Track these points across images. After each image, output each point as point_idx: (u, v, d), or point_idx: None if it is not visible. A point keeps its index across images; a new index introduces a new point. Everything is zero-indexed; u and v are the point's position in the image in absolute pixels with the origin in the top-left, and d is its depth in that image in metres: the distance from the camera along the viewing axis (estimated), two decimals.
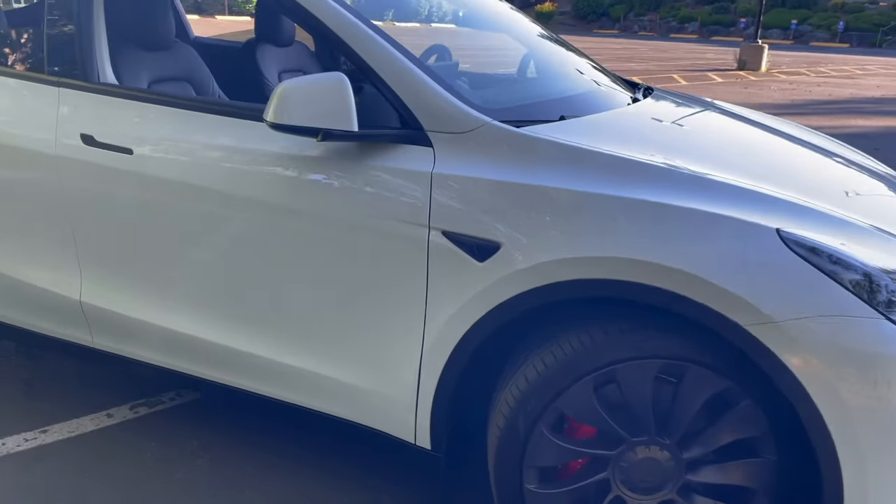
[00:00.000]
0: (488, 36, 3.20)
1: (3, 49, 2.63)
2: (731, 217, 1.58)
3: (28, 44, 2.55)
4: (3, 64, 2.44)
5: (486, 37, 3.21)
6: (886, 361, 1.47)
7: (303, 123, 1.76)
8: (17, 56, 2.57)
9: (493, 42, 3.14)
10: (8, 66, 2.40)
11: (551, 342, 1.69)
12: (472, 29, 3.37)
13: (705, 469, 1.70)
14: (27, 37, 2.59)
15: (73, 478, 2.18)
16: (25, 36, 2.60)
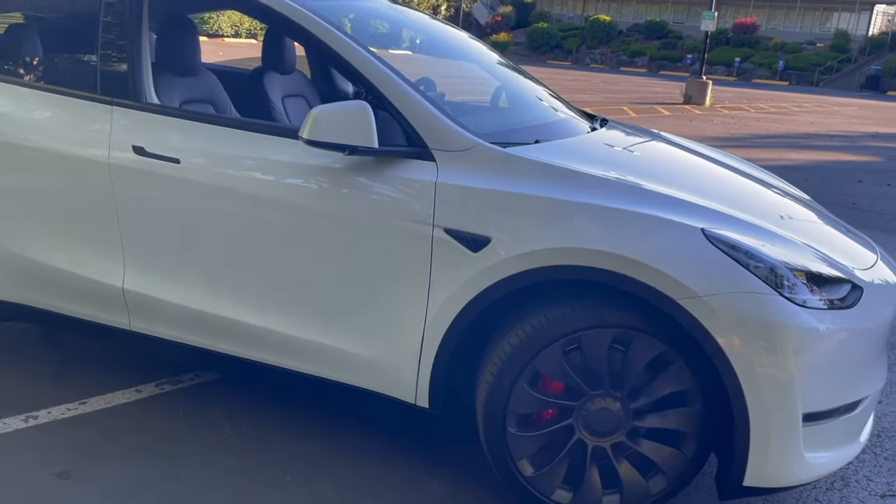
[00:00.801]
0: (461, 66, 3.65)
1: (60, 71, 3.02)
2: (669, 219, 2.08)
3: (83, 68, 2.94)
4: (61, 83, 2.81)
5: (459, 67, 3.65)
6: (780, 326, 1.98)
7: (334, 140, 2.22)
8: (72, 78, 2.95)
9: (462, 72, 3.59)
10: (65, 87, 2.77)
11: (530, 315, 2.16)
12: (447, 59, 3.79)
13: (647, 416, 2.17)
14: (81, 62, 2.98)
15: (116, 438, 2.55)
16: (80, 61, 2.99)
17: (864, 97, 31.67)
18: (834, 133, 14.98)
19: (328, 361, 2.47)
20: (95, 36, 2.70)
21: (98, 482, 2.31)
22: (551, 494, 2.24)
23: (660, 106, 19.05)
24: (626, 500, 2.23)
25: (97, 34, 2.70)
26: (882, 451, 2.82)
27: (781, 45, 45.80)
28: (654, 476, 2.21)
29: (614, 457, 2.20)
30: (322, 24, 2.44)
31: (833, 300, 2.10)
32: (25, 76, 2.95)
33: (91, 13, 2.72)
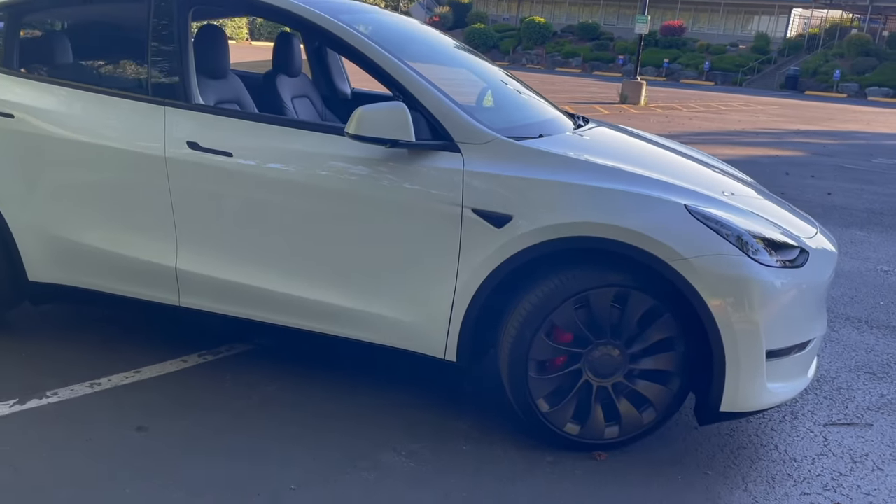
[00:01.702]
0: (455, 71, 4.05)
1: (115, 75, 3.32)
2: (658, 196, 2.57)
3: (136, 73, 3.25)
4: (117, 87, 3.12)
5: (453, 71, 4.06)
6: (748, 280, 2.49)
7: (377, 135, 2.62)
8: (126, 83, 3.26)
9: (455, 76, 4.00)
10: (120, 90, 3.09)
11: (546, 279, 2.61)
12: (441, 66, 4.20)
13: (641, 360, 2.65)
14: (134, 67, 3.29)
15: (178, 399, 2.89)
16: (133, 67, 3.30)
17: (785, 96, 33.47)
18: (760, 130, 16.02)
19: (369, 326, 2.87)
20: (146, 44, 3.04)
21: (175, 433, 2.65)
22: (563, 427, 2.70)
23: (598, 105, 19.88)
24: (623, 430, 2.71)
25: (147, 43, 3.03)
26: (822, 392, 3.39)
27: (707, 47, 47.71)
28: (646, 409, 2.70)
29: (614, 394, 2.68)
30: (364, 39, 2.85)
31: (786, 261, 2.63)
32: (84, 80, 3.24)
33: (141, 23, 3.05)
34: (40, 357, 3.18)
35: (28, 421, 2.67)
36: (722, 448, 2.86)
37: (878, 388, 3.46)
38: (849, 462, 2.81)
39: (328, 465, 2.54)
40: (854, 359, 3.80)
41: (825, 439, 2.97)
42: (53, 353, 3.21)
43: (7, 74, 3.21)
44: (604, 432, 2.71)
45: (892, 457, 2.87)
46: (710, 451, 2.83)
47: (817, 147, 13.55)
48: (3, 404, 2.76)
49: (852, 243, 6.27)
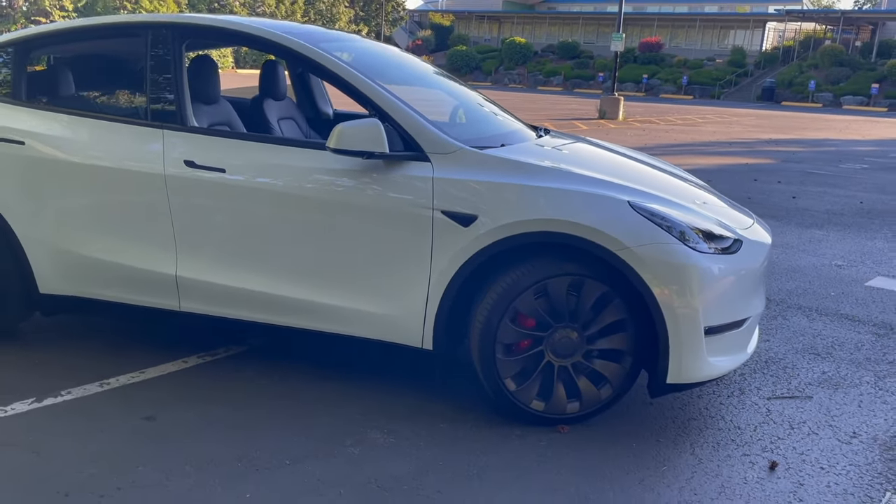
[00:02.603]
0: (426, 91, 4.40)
1: (115, 103, 3.64)
2: (604, 194, 2.91)
3: (135, 100, 3.57)
4: (117, 114, 3.45)
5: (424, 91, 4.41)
6: (685, 266, 2.82)
7: (355, 148, 2.96)
8: (129, 109, 3.59)
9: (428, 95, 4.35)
10: (121, 116, 3.41)
11: (509, 270, 2.93)
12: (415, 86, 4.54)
13: (597, 340, 2.97)
14: (133, 95, 3.62)
15: (183, 394, 3.18)
16: (132, 95, 3.63)
17: (762, 108, 34.20)
18: (734, 140, 16.50)
19: (351, 321, 3.18)
20: (144, 74, 3.37)
21: (181, 422, 2.95)
22: (530, 404, 3.01)
23: (577, 121, 20.36)
24: (584, 405, 3.03)
25: (146, 73, 3.36)
26: (768, 371, 3.72)
27: (685, 62, 48.60)
28: (603, 386, 3.02)
29: (574, 373, 3.00)
30: (341, 64, 3.19)
31: (721, 248, 2.97)
32: (88, 108, 3.56)
33: (139, 56, 3.38)
34: (51, 362, 3.46)
35: (46, 415, 2.96)
36: (674, 420, 3.18)
37: (821, 367, 3.80)
38: (787, 428, 3.13)
39: (317, 443, 2.84)
40: (801, 342, 4.14)
41: (768, 410, 3.29)
42: (63, 358, 3.50)
43: (16, 105, 3.53)
44: (566, 408, 3.03)
45: (827, 423, 3.19)
46: (663, 423, 3.14)
47: (787, 155, 14.02)
48: (22, 402, 3.04)
49: (811, 241, 6.65)
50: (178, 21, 3.42)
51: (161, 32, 3.36)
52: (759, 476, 2.75)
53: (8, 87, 3.58)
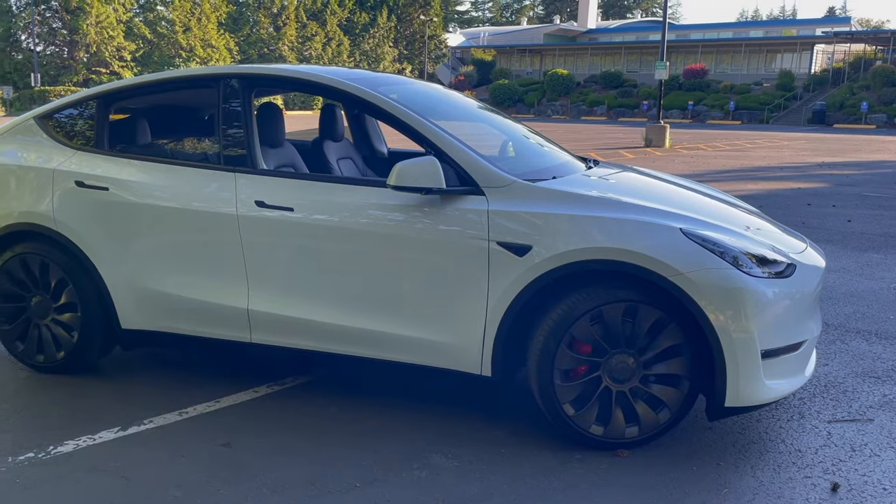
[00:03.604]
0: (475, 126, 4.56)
1: (190, 149, 3.90)
2: (657, 222, 3.01)
3: (208, 147, 3.83)
4: (193, 160, 3.70)
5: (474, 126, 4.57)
6: (739, 290, 2.89)
7: (413, 185, 3.12)
8: (203, 156, 3.84)
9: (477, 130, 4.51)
10: (195, 161, 3.66)
11: (565, 297, 3.04)
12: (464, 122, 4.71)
13: (653, 365, 3.05)
14: (206, 142, 3.88)
15: (256, 422, 3.34)
16: (205, 142, 3.89)
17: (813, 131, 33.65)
18: (785, 165, 16.31)
19: (413, 349, 3.31)
20: (217, 122, 3.61)
21: (256, 448, 3.11)
22: (589, 428, 3.09)
23: (623, 150, 20.37)
24: (642, 429, 3.09)
25: (218, 121, 3.60)
26: (828, 394, 3.72)
27: (731, 87, 48.25)
28: (661, 410, 3.08)
29: (632, 398, 3.07)
30: (398, 105, 3.38)
31: (774, 272, 3.02)
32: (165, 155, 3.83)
33: (212, 105, 3.63)
34: (133, 392, 3.68)
35: (132, 442, 3.15)
36: (733, 444, 3.21)
37: (882, 390, 3.78)
38: (849, 451, 3.14)
39: (385, 467, 2.97)
40: (861, 366, 4.12)
41: (828, 433, 3.30)
42: (143, 389, 3.71)
43: (100, 154, 3.80)
44: (625, 432, 3.09)
45: (889, 445, 3.18)
46: (723, 447, 3.18)
47: (841, 178, 13.81)
48: (109, 430, 3.25)
49: (868, 265, 6.56)
50: (249, 72, 3.66)
51: (232, 83, 3.61)
52: (821, 498, 2.77)
53: (92, 138, 3.87)
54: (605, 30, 70.00)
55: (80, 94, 3.98)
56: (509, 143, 4.23)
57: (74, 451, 3.07)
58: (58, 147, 3.89)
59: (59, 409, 3.49)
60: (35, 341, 3.87)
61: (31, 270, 3.82)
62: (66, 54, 46.35)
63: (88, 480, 2.84)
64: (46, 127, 3.98)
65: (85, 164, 3.77)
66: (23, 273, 3.83)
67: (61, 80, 44.87)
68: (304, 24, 54.64)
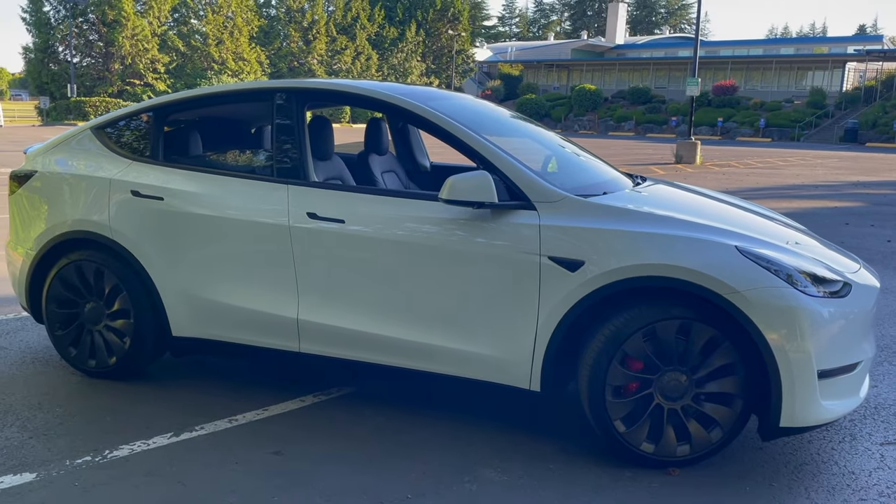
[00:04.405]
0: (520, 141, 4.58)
1: (244, 161, 3.98)
2: (713, 240, 3.00)
3: (260, 160, 3.90)
4: (246, 171, 3.76)
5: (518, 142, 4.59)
6: (796, 309, 2.87)
7: (466, 199, 3.15)
8: (256, 167, 3.91)
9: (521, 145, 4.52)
10: (248, 173, 3.72)
11: (617, 313, 3.04)
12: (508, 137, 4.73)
13: (706, 384, 3.03)
14: (259, 155, 3.94)
15: (305, 430, 3.37)
16: (258, 154, 3.96)
17: (845, 149, 33.24)
18: (819, 183, 16.13)
19: (462, 363, 3.33)
20: (271, 135, 3.68)
21: (307, 456, 3.14)
22: (639, 446, 3.07)
23: (654, 166, 20.27)
24: (694, 448, 3.07)
25: (273, 134, 3.67)
26: (878, 416, 3.66)
27: (761, 104, 47.88)
28: (714, 429, 3.05)
29: (684, 416, 3.05)
30: (451, 121, 3.42)
31: (830, 292, 3.00)
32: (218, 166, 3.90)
33: (265, 118, 3.69)
34: (183, 399, 3.73)
35: (186, 448, 3.19)
36: (786, 464, 3.17)
37: None
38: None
39: (436, 479, 2.98)
40: None
41: (881, 456, 3.25)
42: (191, 396, 3.76)
43: (155, 164, 3.88)
44: (676, 450, 3.07)
45: None
46: (775, 467, 3.15)
47: (878, 197, 13.61)
48: (162, 436, 3.30)
49: None
50: (303, 86, 3.73)
51: (286, 96, 3.67)
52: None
53: (147, 149, 3.95)
54: (633, 45, 69.89)
55: (136, 107, 4.07)
56: (552, 158, 4.24)
57: (130, 455, 3.12)
58: (114, 158, 3.98)
59: (112, 413, 3.55)
60: (87, 347, 3.95)
61: (85, 277, 3.90)
62: (102, 66, 47.30)
63: (146, 485, 2.88)
64: (102, 138, 4.08)
65: (140, 175, 3.85)
66: (77, 279, 3.92)
67: (96, 91, 45.79)
68: (333, 38, 55.27)
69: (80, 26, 47.10)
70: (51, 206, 4.01)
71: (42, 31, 47.31)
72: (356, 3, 57.53)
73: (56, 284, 3.95)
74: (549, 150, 4.29)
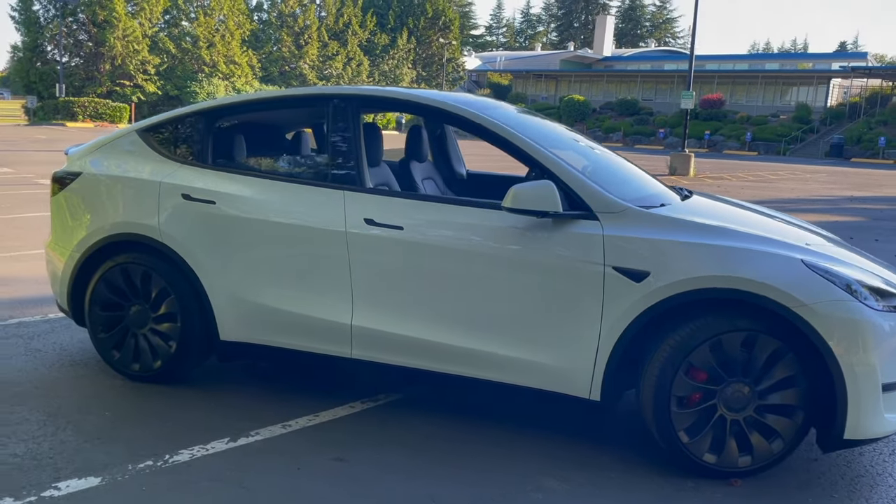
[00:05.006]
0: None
1: (301, 168, 3.97)
2: (780, 253, 3.04)
3: (316, 166, 3.89)
4: (300, 177, 3.75)
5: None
6: (861, 322, 2.91)
7: (529, 208, 3.16)
8: (310, 173, 3.90)
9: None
10: (304, 179, 3.72)
11: (684, 324, 3.06)
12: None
13: (769, 395, 3.05)
14: (314, 161, 3.93)
15: (360, 436, 3.36)
16: (313, 160, 3.95)
17: (831, 164, 33.68)
18: (815, 198, 16.34)
19: (521, 371, 3.33)
20: (327, 140, 3.68)
21: (369, 463, 3.12)
22: (702, 456, 3.09)
23: None
24: (755, 459, 3.09)
25: (328, 139, 3.66)
26: None
27: (747, 118, 48.39)
28: (775, 440, 3.08)
29: (746, 427, 3.07)
30: (512, 131, 3.44)
31: (891, 306, 3.04)
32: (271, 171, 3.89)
33: (320, 123, 3.69)
34: (231, 404, 3.70)
35: (244, 454, 3.17)
36: (842, 476, 3.21)
37: None
38: None
39: (500, 488, 2.97)
40: None
41: None
42: (241, 402, 3.74)
43: (205, 168, 3.86)
44: (738, 461, 3.09)
45: None
46: (832, 479, 3.18)
47: (874, 212, 13.82)
48: (219, 441, 3.27)
49: None
50: (360, 93, 3.73)
51: (342, 103, 3.67)
52: None
53: (197, 152, 3.93)
54: (620, 58, 70.41)
55: (185, 110, 4.05)
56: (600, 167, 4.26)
57: (191, 460, 3.09)
58: (162, 160, 3.95)
59: (161, 418, 3.52)
60: (131, 350, 3.91)
61: (131, 280, 3.87)
62: (91, 66, 46.91)
63: (213, 490, 2.86)
64: (149, 140, 4.05)
65: (191, 178, 3.83)
66: (123, 282, 3.88)
67: (85, 91, 45.37)
68: (325, 44, 55.23)
69: (69, 26, 46.72)
70: (96, 209, 3.97)
71: (31, 30, 46.87)
72: (348, 10, 57.56)
73: (101, 287, 3.91)
74: (595, 160, 4.32)
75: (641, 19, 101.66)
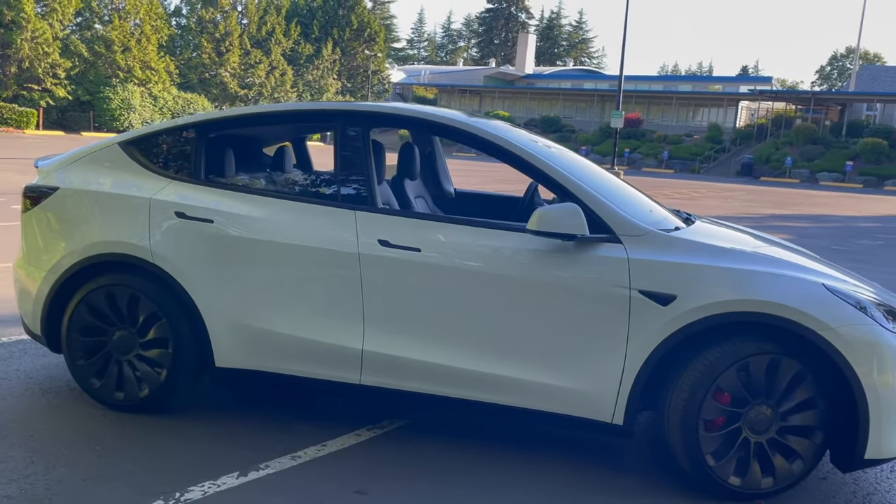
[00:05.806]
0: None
1: (310, 188, 3.79)
2: (802, 277, 3.10)
3: (326, 185, 3.72)
4: (305, 195, 3.58)
5: None
6: (883, 344, 2.99)
7: (556, 231, 3.12)
8: (316, 191, 3.73)
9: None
10: (311, 198, 3.55)
11: (711, 347, 3.07)
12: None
13: (790, 417, 3.10)
14: (324, 180, 3.76)
15: (374, 465, 3.21)
16: (323, 179, 3.77)
17: (743, 182, 35.35)
18: (741, 216, 17.02)
19: (542, 396, 3.27)
20: (335, 158, 3.53)
21: (391, 494, 2.99)
22: (728, 479, 3.11)
23: None
24: (777, 480, 3.13)
25: (337, 157, 3.52)
26: None
27: (665, 137, 50.23)
28: (795, 461, 3.13)
29: (769, 448, 3.11)
30: (536, 155, 3.40)
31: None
32: (267, 188, 3.70)
33: (328, 140, 3.53)
34: (231, 435, 3.47)
35: (259, 491, 2.97)
36: (854, 494, 3.29)
37: None
38: None
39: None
40: None
41: None
42: (242, 432, 3.51)
43: (200, 185, 3.63)
44: (760, 483, 3.12)
45: None
46: (846, 498, 3.25)
47: (799, 230, 14.52)
48: (228, 476, 3.06)
49: None
50: (370, 110, 3.61)
51: (352, 119, 3.54)
52: None
53: (189, 167, 3.70)
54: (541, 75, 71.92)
55: (176, 122, 3.82)
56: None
57: (203, 497, 2.88)
58: (149, 175, 3.71)
59: (159, 450, 3.27)
60: (114, 378, 3.63)
61: (116, 303, 3.60)
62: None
63: None
64: (133, 154, 3.79)
65: (184, 195, 3.60)
66: (106, 305, 3.60)
67: None
68: (247, 52, 54.04)
69: None
70: (76, 226, 3.68)
71: None
72: (271, 18, 56.56)
73: (81, 310, 3.62)
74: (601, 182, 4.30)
75: (559, 38, 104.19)
